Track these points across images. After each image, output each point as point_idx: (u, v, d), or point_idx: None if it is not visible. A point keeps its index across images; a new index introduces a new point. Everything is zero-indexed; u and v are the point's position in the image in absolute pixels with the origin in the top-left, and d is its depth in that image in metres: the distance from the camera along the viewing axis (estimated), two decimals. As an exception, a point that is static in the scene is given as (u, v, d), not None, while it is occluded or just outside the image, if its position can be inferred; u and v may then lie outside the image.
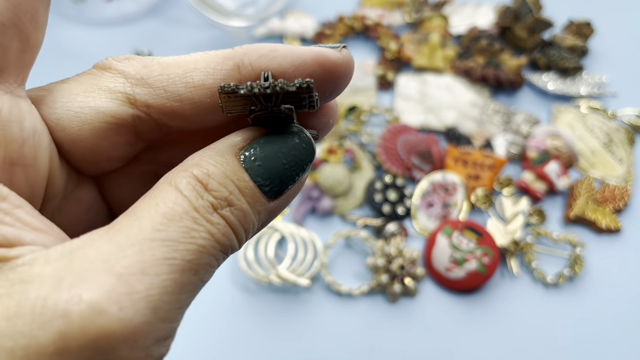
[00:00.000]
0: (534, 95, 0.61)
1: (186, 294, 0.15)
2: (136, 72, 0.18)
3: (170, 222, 0.15)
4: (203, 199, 0.16)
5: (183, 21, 0.64)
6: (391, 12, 0.66)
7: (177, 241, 0.15)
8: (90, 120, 0.18)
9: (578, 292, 0.49)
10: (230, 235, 0.16)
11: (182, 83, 0.18)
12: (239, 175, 0.17)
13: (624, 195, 0.53)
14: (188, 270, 0.15)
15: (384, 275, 0.48)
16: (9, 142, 0.16)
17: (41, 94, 0.19)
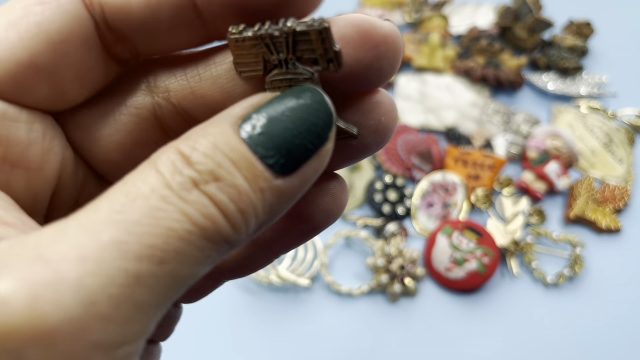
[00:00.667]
0: (534, 95, 0.61)
1: (147, 289, 0.12)
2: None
3: (132, 202, 0.12)
4: (181, 174, 0.13)
5: (183, 21, 0.64)
6: (391, 12, 0.66)
7: (135, 223, 0.12)
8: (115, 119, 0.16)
9: (578, 292, 0.49)
10: (216, 217, 0.13)
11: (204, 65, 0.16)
12: (232, 145, 0.13)
13: (624, 195, 0.53)
14: (148, 257, 0.12)
15: (384, 275, 0.48)
16: (12, 143, 0.14)
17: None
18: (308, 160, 0.14)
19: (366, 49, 0.15)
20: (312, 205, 0.17)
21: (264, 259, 0.19)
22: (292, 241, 0.18)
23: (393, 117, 0.16)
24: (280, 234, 0.18)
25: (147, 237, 0.12)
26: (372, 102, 0.16)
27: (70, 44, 0.15)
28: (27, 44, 0.14)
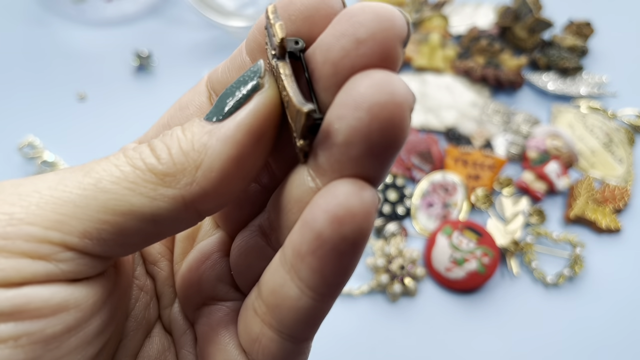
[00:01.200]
0: (534, 95, 0.61)
1: (76, 194, 0.15)
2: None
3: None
4: (144, 144, 0.17)
5: (183, 21, 0.64)
6: (391, 12, 0.66)
7: (93, 161, 0.16)
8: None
9: (578, 292, 0.49)
10: (144, 152, 0.16)
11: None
12: (190, 121, 0.17)
13: (624, 195, 0.53)
14: (78, 170, 0.16)
15: (384, 275, 0.48)
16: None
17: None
18: (241, 105, 0.16)
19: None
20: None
21: None
22: None
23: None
24: None
25: (91, 163, 0.16)
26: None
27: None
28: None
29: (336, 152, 0.15)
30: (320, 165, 0.16)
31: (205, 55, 0.62)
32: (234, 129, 0.16)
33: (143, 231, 0.16)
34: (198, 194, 0.16)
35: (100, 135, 0.56)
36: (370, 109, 0.14)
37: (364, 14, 0.15)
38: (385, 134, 0.14)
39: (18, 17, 0.63)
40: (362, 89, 0.14)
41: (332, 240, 0.15)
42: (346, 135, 0.14)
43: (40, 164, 0.53)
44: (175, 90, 0.59)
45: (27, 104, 0.57)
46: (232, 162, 0.16)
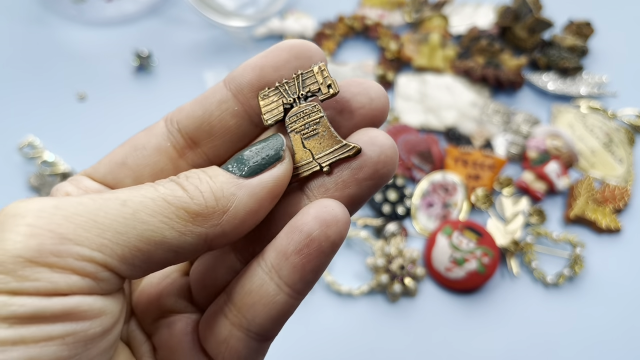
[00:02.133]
0: (534, 95, 0.61)
1: (111, 219, 0.17)
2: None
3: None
4: (167, 178, 0.19)
5: (183, 21, 0.64)
6: (391, 12, 0.66)
7: (119, 190, 0.19)
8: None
9: (578, 292, 0.49)
10: (176, 189, 0.19)
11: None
12: (210, 168, 0.20)
13: (624, 195, 0.53)
14: (114, 199, 0.18)
15: (384, 275, 0.48)
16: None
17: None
18: (265, 169, 0.20)
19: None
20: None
21: None
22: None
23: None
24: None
25: (120, 193, 0.18)
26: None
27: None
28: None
29: (346, 176, 0.21)
30: (325, 185, 0.21)
31: (205, 55, 0.62)
32: (260, 188, 0.19)
33: (164, 259, 0.18)
34: (219, 234, 0.19)
35: (100, 135, 0.56)
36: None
37: (370, 83, 0.21)
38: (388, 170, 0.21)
39: (18, 17, 0.63)
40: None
41: (318, 240, 0.19)
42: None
43: (40, 164, 0.53)
44: (175, 90, 0.59)
45: (27, 104, 0.57)
46: (252, 213, 0.19)
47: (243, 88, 0.22)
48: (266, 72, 0.21)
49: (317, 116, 0.21)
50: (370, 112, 0.21)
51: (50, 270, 0.16)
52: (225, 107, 0.22)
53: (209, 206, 0.19)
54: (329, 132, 0.21)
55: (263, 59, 0.22)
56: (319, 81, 0.21)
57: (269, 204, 0.20)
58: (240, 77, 0.22)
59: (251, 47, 0.62)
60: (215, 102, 0.22)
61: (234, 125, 0.22)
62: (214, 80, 0.60)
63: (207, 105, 0.22)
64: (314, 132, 0.21)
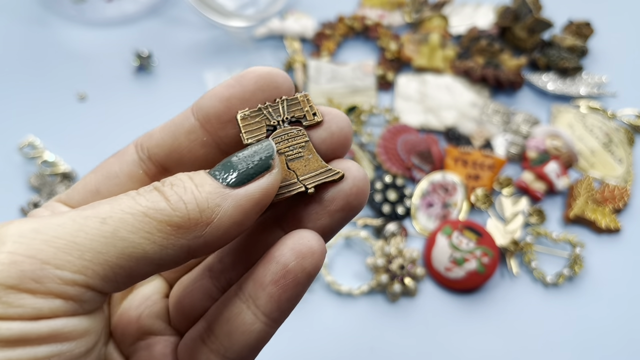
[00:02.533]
0: (534, 96, 0.61)
1: (90, 239, 0.17)
2: None
3: (110, 200, 0.19)
4: (150, 185, 0.19)
5: (183, 21, 0.64)
6: (391, 12, 0.66)
7: (99, 204, 0.18)
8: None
9: (578, 292, 0.49)
10: (158, 200, 0.18)
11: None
12: (197, 173, 0.20)
13: (624, 195, 0.53)
14: (93, 217, 0.17)
15: (384, 275, 0.48)
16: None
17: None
18: (253, 179, 0.19)
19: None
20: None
21: None
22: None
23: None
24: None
25: (100, 208, 0.18)
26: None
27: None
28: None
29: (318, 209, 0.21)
30: (297, 216, 0.21)
31: (205, 55, 0.62)
32: (246, 199, 0.19)
33: (146, 272, 0.18)
34: (201, 245, 0.19)
35: (101, 135, 0.56)
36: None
37: (334, 118, 0.22)
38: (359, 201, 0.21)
39: (18, 17, 0.63)
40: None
41: (294, 271, 0.20)
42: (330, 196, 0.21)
43: (40, 164, 0.53)
44: (175, 90, 0.59)
45: (28, 104, 0.57)
46: (236, 225, 0.19)
47: (210, 119, 0.22)
48: (233, 104, 0.21)
49: (302, 140, 0.21)
50: (331, 146, 0.22)
51: (33, 296, 0.16)
52: (194, 137, 0.22)
53: (192, 218, 0.18)
54: (314, 156, 0.21)
55: (230, 89, 0.22)
56: (304, 108, 0.21)
57: (255, 215, 0.20)
58: (208, 108, 0.22)
59: (251, 48, 0.62)
60: (183, 132, 0.22)
61: (203, 154, 0.22)
62: (214, 81, 0.60)
63: (177, 134, 0.22)
64: (298, 155, 0.21)
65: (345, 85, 0.60)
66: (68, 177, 0.53)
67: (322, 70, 0.60)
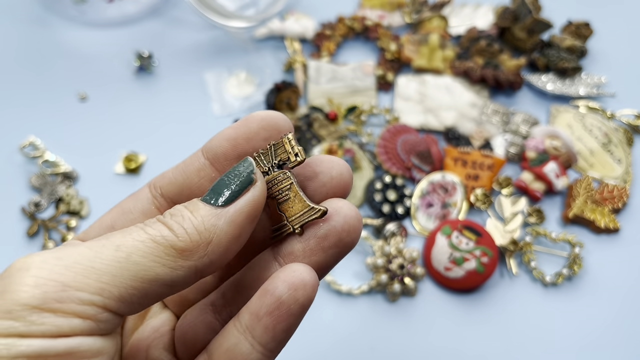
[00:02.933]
0: (533, 96, 0.61)
1: (107, 266, 0.19)
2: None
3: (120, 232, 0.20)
4: (154, 218, 0.21)
5: (184, 22, 0.64)
6: (391, 13, 0.66)
7: (112, 236, 0.20)
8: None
9: (577, 292, 0.49)
10: (162, 229, 0.20)
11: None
12: (191, 202, 0.22)
13: (623, 195, 0.53)
14: (108, 245, 0.19)
15: (384, 275, 0.48)
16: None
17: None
18: (230, 190, 0.21)
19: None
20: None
21: None
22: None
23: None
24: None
25: (114, 238, 0.20)
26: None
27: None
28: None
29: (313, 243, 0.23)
30: (293, 253, 0.23)
31: (205, 55, 0.62)
32: (237, 214, 0.21)
33: (160, 294, 0.20)
34: (207, 264, 0.21)
35: (101, 135, 0.56)
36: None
37: (333, 164, 0.24)
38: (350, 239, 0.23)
39: (19, 18, 0.63)
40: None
41: (287, 302, 0.21)
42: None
43: (41, 164, 0.53)
44: (176, 90, 0.59)
45: (29, 104, 0.57)
46: (234, 239, 0.21)
47: (219, 157, 0.24)
48: (239, 143, 0.24)
49: (287, 183, 0.23)
50: (331, 189, 0.24)
51: (55, 315, 0.18)
52: (204, 174, 0.24)
53: (193, 241, 0.20)
54: (298, 196, 0.23)
55: (236, 130, 0.24)
56: (287, 150, 0.23)
57: (249, 227, 0.22)
58: (216, 148, 0.24)
59: (252, 48, 0.63)
60: (194, 170, 0.24)
61: None
62: (215, 81, 0.60)
63: (187, 173, 0.25)
64: (286, 197, 0.23)
65: (345, 85, 0.60)
66: (69, 177, 0.53)
67: (322, 71, 0.60)
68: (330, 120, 0.57)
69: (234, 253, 0.22)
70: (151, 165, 0.54)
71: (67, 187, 0.52)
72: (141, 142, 0.55)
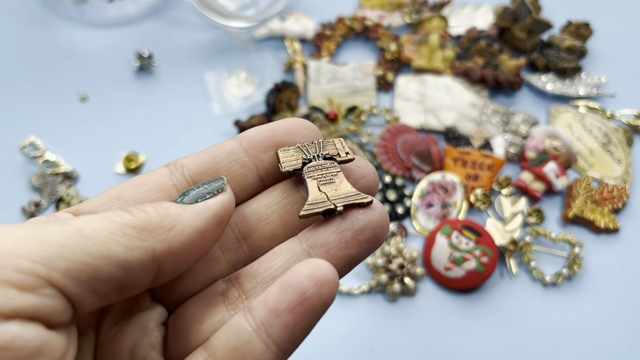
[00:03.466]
0: (533, 96, 0.61)
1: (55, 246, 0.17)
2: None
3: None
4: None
5: (184, 22, 0.64)
6: (391, 13, 0.66)
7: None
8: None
9: (576, 292, 0.49)
10: (120, 212, 0.19)
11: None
12: (158, 202, 0.21)
13: (622, 195, 0.53)
14: (59, 222, 0.18)
15: (384, 275, 0.48)
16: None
17: None
18: (208, 198, 0.21)
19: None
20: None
21: None
22: None
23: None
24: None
25: (65, 219, 0.18)
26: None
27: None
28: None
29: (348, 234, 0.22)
30: (327, 244, 0.22)
31: (205, 55, 0.62)
32: (205, 209, 0.20)
33: (113, 276, 0.18)
34: (166, 250, 0.19)
35: (102, 135, 0.56)
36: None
37: (365, 163, 0.25)
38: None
39: (20, 18, 0.63)
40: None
41: (312, 299, 0.19)
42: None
43: (41, 164, 0.53)
44: (176, 90, 0.60)
45: (29, 104, 0.57)
46: (198, 233, 0.20)
47: (255, 143, 0.24)
48: (278, 134, 0.24)
49: (335, 170, 0.23)
50: (368, 182, 0.24)
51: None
52: (235, 157, 0.23)
53: (153, 222, 0.19)
54: (345, 182, 0.23)
55: (277, 124, 0.24)
56: (338, 148, 0.24)
57: (215, 227, 0.20)
58: (254, 135, 0.24)
59: (252, 48, 0.63)
60: (225, 152, 0.23)
61: (240, 174, 0.23)
62: (215, 81, 0.60)
63: (216, 154, 0.23)
64: (330, 181, 0.23)
65: (345, 85, 0.60)
66: (69, 177, 0.53)
67: (322, 71, 0.60)
68: (330, 120, 0.57)
69: (196, 253, 0.20)
70: (151, 165, 0.54)
71: (68, 187, 0.52)
72: (141, 142, 0.55)
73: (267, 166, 0.24)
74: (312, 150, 0.24)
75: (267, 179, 0.24)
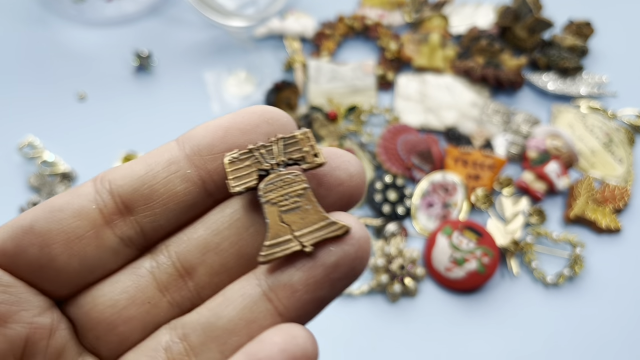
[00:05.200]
0: (534, 95, 0.61)
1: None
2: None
3: None
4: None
5: (183, 21, 0.64)
6: (391, 12, 0.66)
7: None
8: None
9: (578, 292, 0.49)
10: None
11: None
12: None
13: (624, 195, 0.53)
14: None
15: (384, 275, 0.48)
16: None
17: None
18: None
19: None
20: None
21: None
22: None
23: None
24: None
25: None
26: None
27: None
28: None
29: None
30: (292, 287, 0.18)
31: (205, 55, 0.62)
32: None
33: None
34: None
35: (100, 135, 0.56)
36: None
37: (349, 157, 0.19)
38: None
39: (18, 17, 0.63)
40: None
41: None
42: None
43: (40, 164, 0.53)
44: (175, 90, 0.59)
45: (27, 104, 0.57)
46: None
47: (201, 149, 0.19)
48: (231, 134, 0.18)
49: (300, 187, 0.18)
50: (348, 189, 0.18)
51: None
52: (175, 168, 0.19)
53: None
54: (314, 206, 0.18)
55: (230, 120, 0.19)
56: (304, 148, 0.18)
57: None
58: (200, 138, 0.19)
59: (251, 47, 0.62)
60: (162, 162, 0.19)
61: (182, 191, 0.19)
62: (214, 81, 0.60)
63: (152, 164, 0.19)
64: (295, 206, 0.18)
65: (345, 85, 0.60)
66: (68, 177, 0.53)
67: (322, 70, 0.60)
68: (330, 120, 0.56)
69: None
70: (150, 165, 0.54)
71: (66, 187, 0.52)
72: (140, 142, 0.55)
73: (216, 178, 0.19)
74: (270, 154, 0.18)
75: (217, 193, 0.19)
